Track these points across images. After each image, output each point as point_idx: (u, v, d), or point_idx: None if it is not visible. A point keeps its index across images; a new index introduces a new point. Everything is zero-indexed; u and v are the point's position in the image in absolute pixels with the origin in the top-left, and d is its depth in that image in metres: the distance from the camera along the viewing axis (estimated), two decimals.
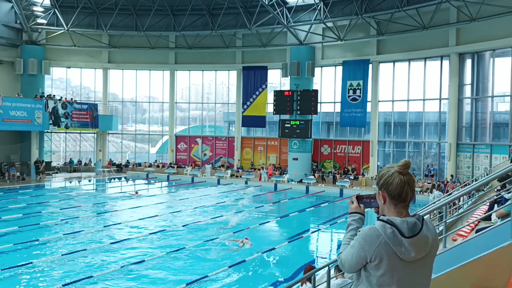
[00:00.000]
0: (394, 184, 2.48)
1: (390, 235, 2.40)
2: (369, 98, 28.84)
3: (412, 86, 27.63)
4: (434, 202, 12.33)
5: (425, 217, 2.57)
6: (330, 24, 28.88)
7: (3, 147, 29.74)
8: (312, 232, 16.36)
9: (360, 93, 28.89)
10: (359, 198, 2.76)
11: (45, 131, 30.96)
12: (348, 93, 29.23)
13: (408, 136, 28.21)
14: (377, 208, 2.65)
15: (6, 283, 10.48)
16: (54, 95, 31.20)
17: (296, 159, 30.16)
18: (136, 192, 25.05)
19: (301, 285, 7.65)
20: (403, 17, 25.95)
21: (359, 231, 2.52)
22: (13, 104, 26.74)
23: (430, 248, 2.48)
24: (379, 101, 28.95)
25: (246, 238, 14.30)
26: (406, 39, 26.97)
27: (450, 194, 14.32)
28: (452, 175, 24.42)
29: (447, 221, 8.06)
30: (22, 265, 11.54)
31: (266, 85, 32.28)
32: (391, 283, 2.42)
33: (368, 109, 28.88)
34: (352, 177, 28.40)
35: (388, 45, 28.18)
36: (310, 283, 7.33)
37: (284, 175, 29.92)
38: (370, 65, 28.70)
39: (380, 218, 2.50)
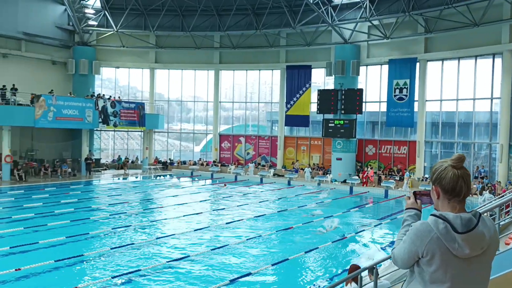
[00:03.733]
0: (448, 178, 2.45)
1: (442, 230, 2.36)
2: (416, 97, 28.16)
3: (461, 85, 26.74)
4: (485, 204, 11.91)
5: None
6: (376, 22, 28.39)
7: (56, 144, 31.04)
8: (356, 233, 16.15)
9: (407, 92, 28.25)
10: (416, 194, 2.74)
11: (95, 129, 32.07)
12: (394, 92, 28.65)
13: (456, 137, 27.32)
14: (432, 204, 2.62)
15: (58, 274, 10.94)
16: (103, 94, 32.28)
17: (340, 159, 29.84)
18: (225, 184, 27.95)
19: (346, 284, 7.58)
20: (453, 14, 25.15)
21: (411, 226, 2.49)
22: (65, 103, 27.87)
23: (488, 246, 2.40)
24: (426, 100, 28.21)
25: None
26: (455, 37, 26.13)
27: (502, 196, 13.78)
28: (500, 181, 23.35)
29: (500, 224, 7.79)
30: (74, 257, 11.98)
31: (310, 84, 32.11)
32: (445, 280, 2.38)
33: (415, 108, 28.20)
34: (397, 178, 27.81)
35: (436, 43, 27.41)
36: (355, 282, 7.26)
37: (328, 175, 29.66)
38: (418, 64, 28.01)
39: (432, 213, 2.47)
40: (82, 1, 31.94)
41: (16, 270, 10.59)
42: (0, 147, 27.06)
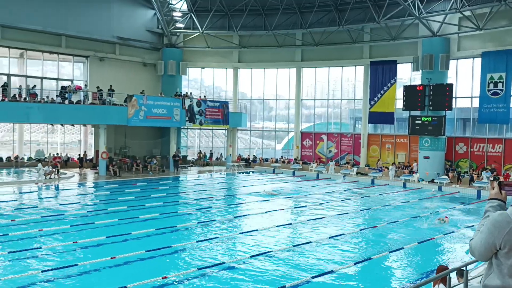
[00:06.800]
0: None
1: None
2: None
3: None
4: None
5: None
6: (467, 13, 26.77)
7: (146, 141, 32.89)
8: (445, 234, 15.39)
9: (503, 87, 26.34)
10: (502, 184, 2.59)
11: (182, 127, 33.46)
12: (488, 87, 26.83)
13: None
14: None
15: (149, 263, 11.57)
16: (190, 93, 33.62)
17: (428, 157, 28.57)
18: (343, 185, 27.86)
19: (433, 286, 7.31)
20: None
21: (489, 217, 2.37)
22: (155, 102, 29.42)
23: None
24: None
25: (446, 217, 17.33)
26: None
27: None
28: None
29: None
30: (163, 248, 12.60)
31: (395, 80, 31.04)
32: None
33: None
34: (492, 178, 26.03)
35: None
36: (443, 284, 6.96)
37: (414, 174, 28.52)
38: None
39: None
40: (170, 5, 33.52)
41: (111, 258, 11.37)
42: (97, 144, 29.18)
